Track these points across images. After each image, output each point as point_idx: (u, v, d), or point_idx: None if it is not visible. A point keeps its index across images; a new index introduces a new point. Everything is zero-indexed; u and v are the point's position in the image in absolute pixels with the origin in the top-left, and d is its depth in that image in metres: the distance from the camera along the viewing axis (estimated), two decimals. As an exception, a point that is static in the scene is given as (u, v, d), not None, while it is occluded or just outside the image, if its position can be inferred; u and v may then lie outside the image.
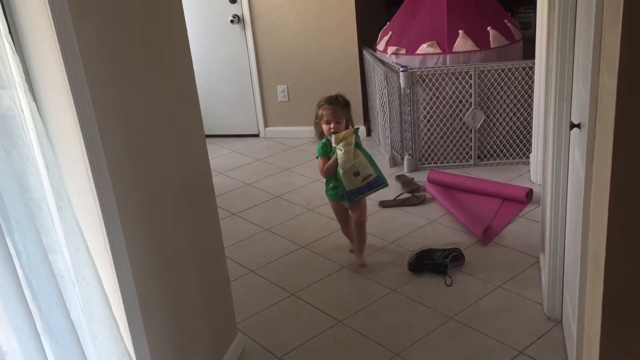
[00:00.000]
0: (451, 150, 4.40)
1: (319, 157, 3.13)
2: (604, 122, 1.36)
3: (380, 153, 4.81)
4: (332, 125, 3.01)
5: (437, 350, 2.55)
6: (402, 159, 4.46)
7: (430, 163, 4.44)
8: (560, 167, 2.34)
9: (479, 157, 4.39)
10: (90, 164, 1.62)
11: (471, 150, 4.37)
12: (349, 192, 3.03)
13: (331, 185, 3.17)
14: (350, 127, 3.08)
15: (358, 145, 3.03)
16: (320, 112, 3.06)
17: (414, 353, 2.54)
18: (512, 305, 2.80)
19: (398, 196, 3.98)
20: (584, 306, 1.62)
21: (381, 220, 3.75)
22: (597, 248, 1.33)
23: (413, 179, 4.21)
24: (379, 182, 3.05)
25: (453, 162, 4.42)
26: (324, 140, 3.10)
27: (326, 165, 3.08)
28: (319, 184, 4.31)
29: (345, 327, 2.77)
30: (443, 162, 4.42)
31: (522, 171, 4.21)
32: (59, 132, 1.59)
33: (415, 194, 3.98)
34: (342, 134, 2.99)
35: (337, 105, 3.03)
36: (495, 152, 4.37)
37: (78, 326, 1.55)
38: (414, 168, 4.42)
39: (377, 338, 2.65)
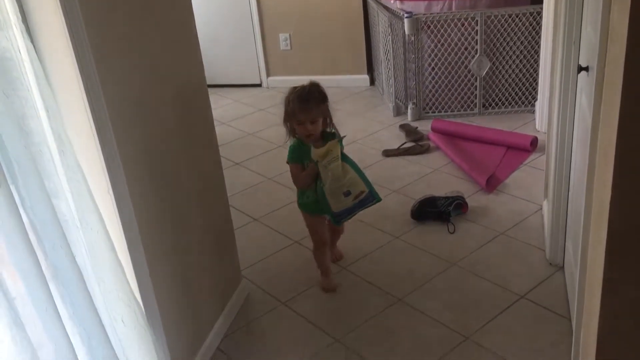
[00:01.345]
0: (456, 98, 4.35)
1: (289, 163, 2.51)
2: (614, 62, 1.33)
3: (384, 102, 4.77)
4: (306, 127, 2.38)
5: (440, 295, 2.58)
6: (406, 107, 4.42)
7: (435, 112, 4.39)
8: (567, 112, 2.31)
9: (483, 106, 4.34)
10: (90, 109, 1.60)
11: (476, 98, 4.32)
12: (337, 213, 2.47)
13: (307, 194, 2.54)
14: (330, 128, 2.47)
15: (343, 156, 2.45)
16: (289, 109, 2.41)
17: (416, 298, 2.57)
18: (514, 251, 2.82)
19: (401, 145, 3.95)
20: (586, 250, 1.62)
21: (384, 169, 3.74)
22: (602, 189, 1.33)
23: (417, 127, 4.17)
24: (372, 198, 2.51)
25: (457, 111, 4.37)
26: (294, 142, 2.47)
27: (302, 175, 2.47)
28: (322, 134, 4.29)
29: (349, 273, 2.79)
30: (447, 111, 4.38)
31: (528, 119, 4.17)
32: (57, 75, 1.57)
33: (419, 143, 3.96)
34: (325, 147, 2.36)
35: (311, 102, 2.37)
36: (500, 101, 4.32)
37: (83, 270, 1.56)
38: (417, 117, 4.38)
39: (381, 284, 2.68)
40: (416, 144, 3.95)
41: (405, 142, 3.99)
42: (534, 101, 4.16)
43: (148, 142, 1.94)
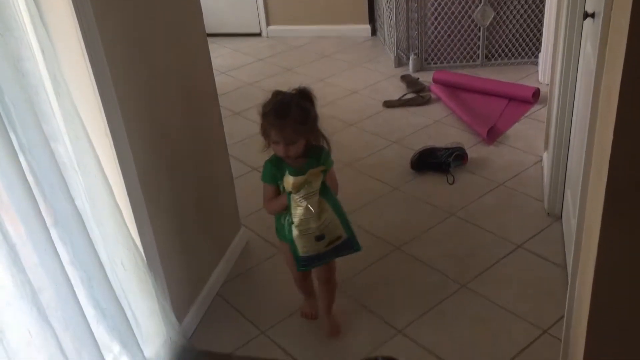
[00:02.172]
0: (458, 49, 4.28)
1: (264, 183, 2.05)
2: (621, 7, 1.30)
3: (386, 53, 4.70)
4: (281, 148, 1.90)
5: (437, 244, 2.60)
6: (408, 58, 4.36)
7: (437, 63, 4.33)
8: (571, 60, 2.28)
9: (486, 57, 4.28)
10: (87, 50, 1.58)
11: (479, 49, 4.25)
12: (303, 257, 1.99)
13: (284, 220, 2.03)
14: (320, 140, 1.98)
15: (324, 189, 1.96)
16: (264, 122, 1.93)
17: (414, 247, 2.59)
18: (513, 202, 2.83)
19: (402, 96, 3.92)
20: (585, 197, 1.62)
21: (385, 120, 3.72)
22: (604, 134, 1.31)
23: (418, 79, 4.12)
24: (350, 246, 2.04)
25: (460, 62, 4.31)
26: (271, 158, 2.00)
27: (273, 201, 2.02)
28: (324, 84, 4.25)
29: (347, 222, 2.80)
30: (450, 62, 4.32)
31: (530, 71, 4.11)
32: (52, 14, 1.53)
33: (420, 94, 3.92)
34: (303, 178, 1.90)
35: (288, 121, 1.86)
36: (503, 52, 4.26)
37: (83, 214, 1.57)
38: (419, 68, 4.32)
39: (379, 233, 2.69)
40: (417, 95, 3.91)
41: (406, 93, 3.95)
42: (537, 53, 4.10)
43: (146, 86, 1.92)
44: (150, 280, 1.81)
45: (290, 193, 1.92)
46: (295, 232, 1.94)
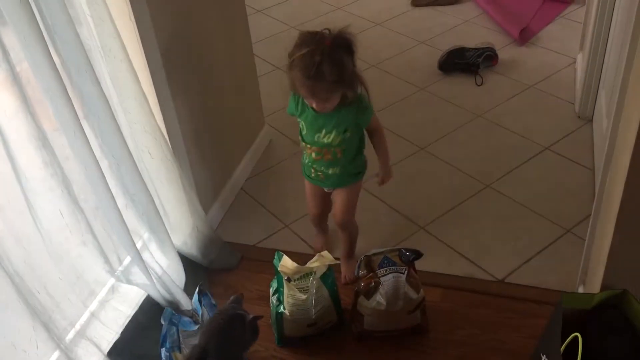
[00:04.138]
0: (493, -56, 4.04)
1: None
2: None
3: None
4: (312, 103, 1.72)
5: (463, 145, 2.57)
6: (439, -46, 4.13)
7: (469, -41, 4.11)
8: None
9: (522, -47, 4.04)
10: None
11: (515, -55, 4.01)
12: (286, 337, 1.83)
13: (306, 158, 1.88)
14: (355, 101, 1.73)
15: (325, 275, 1.76)
16: (291, 75, 1.68)
17: (439, 148, 2.57)
18: (543, 104, 2.76)
19: (432, -6, 3.75)
20: (624, 93, 1.57)
21: (412, 19, 3.59)
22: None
23: (449, -24, 3.93)
24: (336, 328, 1.86)
25: (494, -41, 4.08)
26: (291, 96, 1.84)
27: None
28: (349, -21, 4.07)
29: (372, 122, 2.77)
30: (483, -41, 4.09)
31: (568, -31, 3.89)
32: None
33: (451, -8, 3.75)
34: (302, 270, 1.73)
35: (320, 81, 1.61)
36: (541, -52, 4.01)
37: (109, 100, 1.55)
38: (451, -35, 4.10)
39: (404, 133, 2.66)
40: (448, -6, 3.74)
41: (436, -9, 3.78)
42: (578, -51, 3.85)
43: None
44: (177, 169, 1.82)
45: (283, 279, 1.73)
46: (286, 313, 1.77)
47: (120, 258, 1.70)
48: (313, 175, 1.91)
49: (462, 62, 3.01)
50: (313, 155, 1.84)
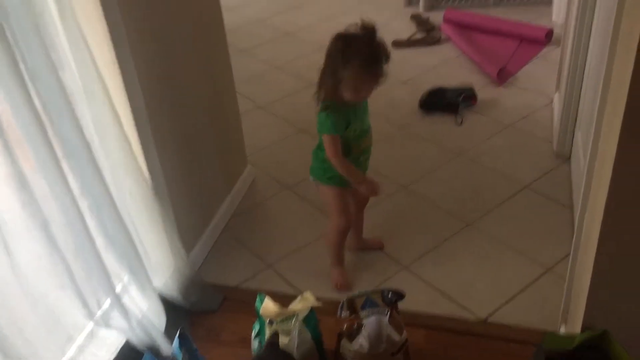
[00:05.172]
0: (471, -12, 4.17)
1: (329, 135, 1.87)
2: None
3: (396, -9, 4.58)
4: (362, 94, 1.85)
5: (444, 184, 2.60)
6: (418, -4, 4.25)
7: (448, 2, 4.23)
8: (588, -3, 2.21)
9: (499, -4, 4.17)
10: (92, -27, 1.53)
11: (492, -12, 4.14)
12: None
13: (360, 156, 2.00)
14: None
15: (308, 318, 1.75)
16: (346, 73, 1.75)
17: (421, 186, 2.59)
18: (522, 143, 2.81)
19: (412, 36, 3.84)
20: (599, 134, 1.60)
21: (393, 60, 3.58)
22: (623, 70, 1.28)
23: (428, 18, 4.03)
24: None
25: (472, 1, 4.20)
26: (327, 107, 1.85)
27: (347, 164, 1.92)
28: (330, 24, 4.15)
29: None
30: (461, 1, 4.22)
31: (544, 12, 4.01)
32: None
33: (430, 34, 3.84)
34: (284, 313, 1.74)
35: (381, 64, 1.80)
36: (517, -9, 4.15)
37: (91, 143, 1.55)
38: (430, 7, 4.22)
39: (386, 172, 2.68)
40: (427, 35, 3.83)
41: (415, 33, 3.87)
42: (552, -8, 3.98)
43: (154, 17, 1.87)
44: (159, 211, 1.82)
45: (264, 322, 1.73)
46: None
47: (99, 301, 1.68)
48: (362, 169, 2.00)
49: (443, 102, 3.07)
50: (366, 144, 1.98)
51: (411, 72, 3.48)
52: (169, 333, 1.83)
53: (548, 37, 3.57)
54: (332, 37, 1.81)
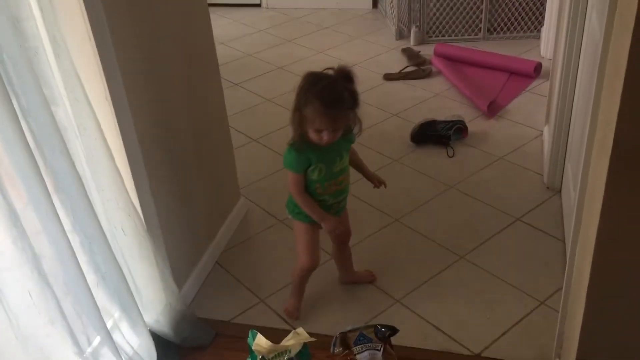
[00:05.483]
0: (460, 22, 4.24)
1: (290, 171, 1.90)
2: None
3: (387, 25, 4.65)
4: (324, 136, 1.78)
5: (436, 216, 2.60)
6: (409, 31, 4.32)
7: (438, 36, 4.30)
8: (575, 31, 2.26)
9: (488, 30, 4.24)
10: (87, 11, 1.55)
11: (481, 22, 4.21)
12: None
13: (328, 199, 1.97)
14: (348, 129, 1.87)
15: (301, 356, 1.73)
16: (307, 111, 1.76)
17: (413, 219, 2.60)
18: (513, 176, 2.83)
19: (403, 69, 3.89)
20: (588, 168, 1.62)
21: (385, 93, 3.70)
22: (610, 103, 1.31)
23: (419, 52, 4.09)
24: None
25: (462, 35, 4.28)
26: (293, 143, 1.86)
27: (307, 199, 1.92)
28: (323, 56, 4.22)
29: (347, 194, 2.80)
30: (451, 35, 4.29)
31: (532, 46, 4.09)
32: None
33: (421, 67, 3.89)
34: (277, 349, 1.71)
35: (340, 108, 1.76)
36: (506, 25, 4.22)
37: (83, 178, 1.56)
38: (420, 41, 4.29)
39: (378, 205, 2.69)
40: (418, 68, 3.88)
41: (407, 66, 3.92)
42: (540, 26, 4.06)
43: (147, 51, 1.89)
44: (150, 246, 1.81)
45: (262, 359, 1.69)
46: None
47: (89, 338, 1.65)
48: (332, 211, 1.98)
49: (434, 134, 3.09)
50: (335, 187, 1.94)
51: (402, 104, 3.52)
52: (159, 370, 1.80)
53: (537, 70, 3.63)
54: (303, 75, 1.81)
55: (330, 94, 1.74)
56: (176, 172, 2.12)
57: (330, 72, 1.80)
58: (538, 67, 3.64)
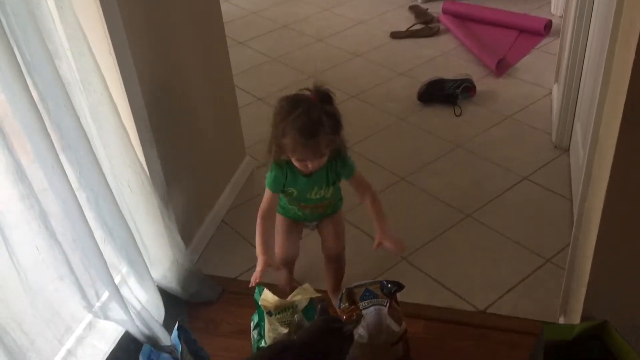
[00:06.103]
0: (469, -21, 4.15)
1: (268, 190, 1.82)
2: None
3: (394, -18, 4.56)
4: (307, 164, 1.69)
5: (443, 175, 2.59)
6: (417, -12, 4.23)
7: (446, -7, 4.20)
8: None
9: (498, -13, 4.15)
10: (88, -37, 1.52)
11: (491, -21, 4.11)
12: None
13: (285, 200, 1.88)
14: (333, 156, 1.74)
15: (307, 308, 1.74)
16: (286, 140, 1.65)
17: (419, 178, 2.59)
18: (520, 134, 2.80)
19: (411, 27, 3.82)
20: (599, 124, 1.60)
21: (392, 51, 3.64)
22: (624, 59, 1.28)
23: (427, 9, 4.01)
24: None
25: (470, -8, 4.18)
26: (279, 161, 1.77)
27: (264, 223, 1.80)
28: (330, 14, 4.14)
29: (353, 152, 2.77)
30: (460, -8, 4.19)
31: (542, 3, 4.00)
32: None
33: (429, 25, 3.82)
34: (289, 298, 1.73)
35: (321, 136, 1.62)
36: (515, -18, 4.12)
37: (88, 134, 1.55)
38: (428, -2, 4.20)
39: (384, 163, 2.68)
40: (426, 26, 3.81)
41: (414, 24, 3.85)
42: (551, -17, 3.97)
43: (152, 9, 1.86)
44: (157, 202, 1.81)
45: (264, 313, 1.70)
46: (266, 342, 1.73)
47: (97, 293, 1.67)
48: (302, 215, 1.90)
49: (441, 93, 3.06)
50: (307, 210, 1.88)
51: (409, 63, 3.47)
52: (167, 324, 1.83)
53: (547, 28, 3.56)
54: (278, 99, 1.68)
55: (307, 122, 1.60)
56: (181, 129, 2.11)
57: (307, 93, 1.66)
58: (548, 24, 3.57)
